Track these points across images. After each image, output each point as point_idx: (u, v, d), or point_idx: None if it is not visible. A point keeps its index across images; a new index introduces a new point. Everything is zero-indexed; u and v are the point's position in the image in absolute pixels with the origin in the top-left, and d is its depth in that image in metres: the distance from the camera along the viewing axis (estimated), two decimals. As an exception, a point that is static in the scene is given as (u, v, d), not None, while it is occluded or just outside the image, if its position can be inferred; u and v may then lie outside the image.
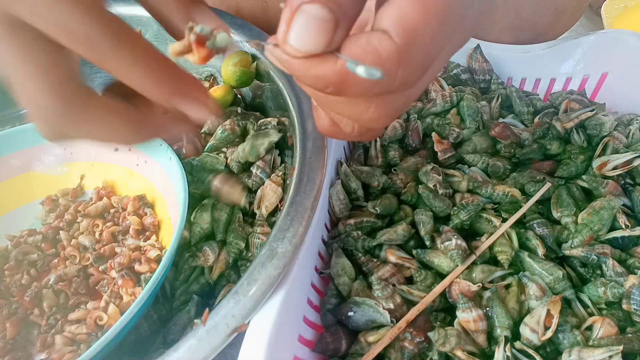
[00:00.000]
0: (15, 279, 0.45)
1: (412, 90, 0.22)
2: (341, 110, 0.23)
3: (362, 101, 0.21)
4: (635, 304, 0.38)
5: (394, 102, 0.22)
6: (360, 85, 0.19)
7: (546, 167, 0.50)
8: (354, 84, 0.19)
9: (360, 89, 0.20)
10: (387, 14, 0.19)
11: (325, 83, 0.19)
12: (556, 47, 0.59)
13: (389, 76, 0.19)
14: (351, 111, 0.22)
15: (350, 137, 0.26)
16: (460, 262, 0.41)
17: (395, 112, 0.23)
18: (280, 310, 0.33)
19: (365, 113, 0.22)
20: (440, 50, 0.21)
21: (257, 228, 0.44)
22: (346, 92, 0.20)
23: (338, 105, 0.22)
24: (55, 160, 0.52)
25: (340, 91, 0.20)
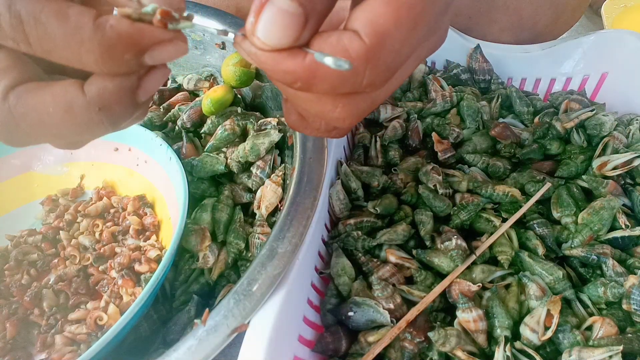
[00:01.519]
0: (15, 279, 0.45)
1: (378, 92, 0.22)
2: (309, 108, 0.22)
3: (329, 100, 0.21)
4: (635, 304, 0.38)
5: (361, 103, 0.22)
6: (328, 82, 0.19)
7: (546, 167, 0.50)
8: (321, 80, 0.19)
9: (328, 85, 0.20)
10: (359, 15, 0.19)
11: (294, 78, 0.19)
12: (556, 47, 0.59)
13: (356, 75, 0.19)
14: (319, 109, 0.22)
15: (317, 133, 0.26)
16: (460, 262, 0.41)
17: (361, 113, 0.23)
18: (280, 310, 0.33)
19: (332, 112, 0.22)
20: (409, 55, 0.21)
21: (257, 228, 0.44)
22: (314, 88, 0.20)
23: (306, 103, 0.22)
24: (55, 160, 0.52)
25: (308, 87, 0.20)
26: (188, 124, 0.51)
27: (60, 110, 0.20)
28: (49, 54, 0.19)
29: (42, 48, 0.19)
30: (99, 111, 0.20)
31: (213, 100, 0.48)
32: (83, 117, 0.20)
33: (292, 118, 0.26)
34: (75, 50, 0.18)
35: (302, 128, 0.26)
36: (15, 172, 0.50)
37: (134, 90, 0.21)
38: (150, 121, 0.53)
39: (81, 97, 0.20)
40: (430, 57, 0.63)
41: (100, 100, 0.20)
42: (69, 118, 0.20)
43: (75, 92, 0.20)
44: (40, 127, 0.21)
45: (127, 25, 0.18)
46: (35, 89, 0.20)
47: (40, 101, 0.20)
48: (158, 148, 0.45)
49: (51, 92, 0.20)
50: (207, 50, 0.55)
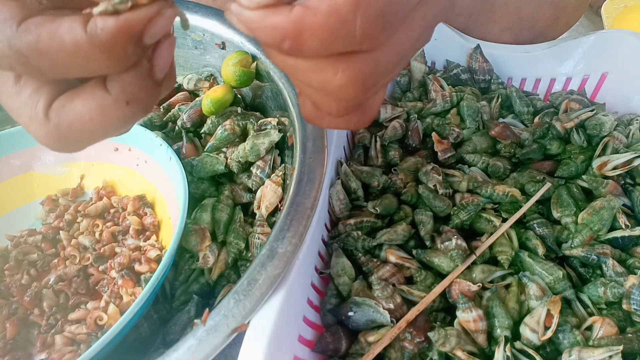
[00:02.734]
0: (15, 279, 0.45)
1: (379, 53, 0.20)
2: (310, 79, 0.21)
3: (327, 65, 0.20)
4: (635, 304, 0.38)
5: (362, 66, 0.20)
6: (317, 36, 0.18)
7: (546, 167, 0.50)
8: (310, 34, 0.18)
9: (318, 40, 0.18)
10: None
11: (281, 35, 0.18)
12: (556, 47, 0.59)
13: (346, 25, 0.18)
14: (319, 78, 0.21)
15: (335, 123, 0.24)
16: (460, 262, 0.41)
17: (365, 78, 0.21)
18: (280, 310, 0.33)
19: (333, 79, 0.20)
20: (409, 8, 0.20)
21: (257, 228, 0.44)
22: (305, 46, 0.19)
23: (306, 74, 0.21)
24: (55, 160, 0.52)
25: (299, 45, 0.19)
26: (188, 124, 0.51)
27: (96, 115, 0.21)
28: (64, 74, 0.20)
29: (55, 73, 0.19)
30: (127, 105, 0.21)
31: (213, 100, 0.48)
32: (117, 114, 0.21)
33: (307, 110, 0.25)
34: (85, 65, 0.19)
35: (318, 118, 0.25)
36: (15, 172, 0.50)
37: (150, 72, 0.21)
38: (150, 121, 0.53)
39: (107, 97, 0.21)
40: (430, 57, 0.63)
41: (124, 94, 0.21)
42: (106, 119, 0.21)
43: (101, 94, 0.21)
44: (87, 132, 0.22)
45: (114, 22, 0.18)
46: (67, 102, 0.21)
47: (76, 113, 0.21)
48: (158, 148, 0.45)
49: (81, 101, 0.21)
50: (207, 50, 0.55)
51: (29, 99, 0.21)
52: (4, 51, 0.19)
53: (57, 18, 0.19)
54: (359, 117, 0.24)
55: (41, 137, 0.22)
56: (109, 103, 0.21)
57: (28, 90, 0.21)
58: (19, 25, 0.19)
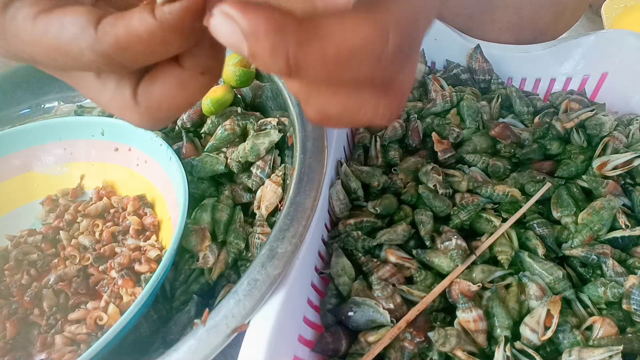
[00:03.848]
0: (15, 279, 0.45)
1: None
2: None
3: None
4: (635, 304, 0.38)
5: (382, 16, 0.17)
6: None
7: (546, 167, 0.50)
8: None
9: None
10: None
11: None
12: (556, 47, 0.59)
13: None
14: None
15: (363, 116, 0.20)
16: (460, 262, 0.41)
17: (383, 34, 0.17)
18: (280, 310, 0.33)
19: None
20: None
21: (257, 228, 0.44)
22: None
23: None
24: (55, 160, 0.51)
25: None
26: (188, 124, 0.51)
27: (178, 91, 0.22)
28: (145, 62, 0.20)
29: (138, 63, 0.20)
30: (202, 75, 0.21)
31: (213, 100, 0.48)
32: (195, 85, 0.21)
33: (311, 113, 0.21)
34: (162, 49, 0.19)
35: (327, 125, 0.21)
36: (15, 172, 0.50)
37: (213, 41, 0.19)
38: (150, 121, 0.53)
39: (184, 72, 0.21)
40: (430, 57, 0.63)
41: (198, 66, 0.21)
42: (187, 92, 0.22)
43: (176, 71, 0.21)
44: (174, 107, 0.22)
45: (179, 5, 0.18)
46: (149, 85, 0.22)
47: (160, 93, 0.22)
48: (158, 148, 0.45)
49: (161, 82, 0.22)
50: (207, 50, 0.55)
51: (115, 91, 0.22)
52: (90, 57, 0.19)
53: (125, 14, 0.19)
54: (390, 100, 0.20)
55: (137, 121, 0.23)
56: (186, 77, 0.21)
57: (112, 84, 0.22)
58: (95, 30, 0.19)
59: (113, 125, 0.48)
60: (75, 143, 0.51)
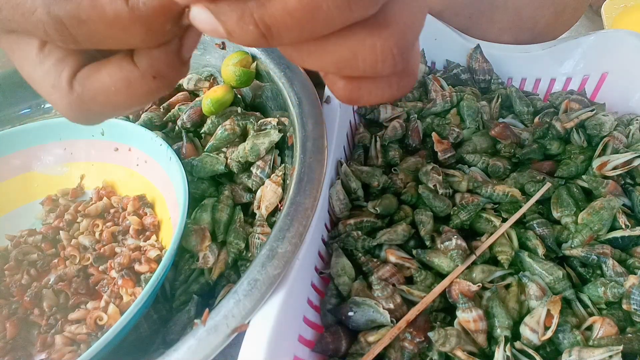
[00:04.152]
0: (15, 279, 0.45)
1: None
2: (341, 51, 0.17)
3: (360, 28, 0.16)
4: (635, 304, 0.38)
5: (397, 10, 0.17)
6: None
7: (546, 167, 0.50)
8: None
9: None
10: None
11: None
12: (556, 47, 0.59)
13: None
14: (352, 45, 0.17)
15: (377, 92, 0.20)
16: (460, 262, 0.41)
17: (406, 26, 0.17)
18: (280, 310, 0.33)
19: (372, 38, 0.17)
20: None
21: (257, 228, 0.44)
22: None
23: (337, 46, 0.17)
24: (55, 160, 0.52)
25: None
26: (188, 124, 0.51)
27: (122, 87, 0.21)
28: (97, 45, 0.20)
29: (90, 43, 0.19)
30: (154, 79, 0.21)
31: (213, 100, 0.48)
32: (142, 88, 0.21)
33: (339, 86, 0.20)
34: (121, 37, 0.19)
35: (356, 95, 0.20)
36: (15, 172, 0.50)
37: (179, 51, 0.21)
38: (150, 121, 0.53)
39: (135, 70, 0.21)
40: (430, 57, 0.63)
41: (152, 69, 0.21)
42: (131, 92, 0.21)
43: (128, 67, 0.21)
44: (110, 105, 0.22)
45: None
46: (92, 73, 0.21)
47: (101, 84, 0.21)
48: (158, 148, 0.45)
49: (107, 72, 0.21)
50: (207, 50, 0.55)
51: (53, 67, 0.21)
52: (41, 17, 0.19)
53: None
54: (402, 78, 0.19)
55: (63, 107, 0.22)
56: (136, 76, 0.21)
57: (52, 59, 0.21)
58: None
59: (113, 125, 0.48)
60: (75, 143, 0.51)
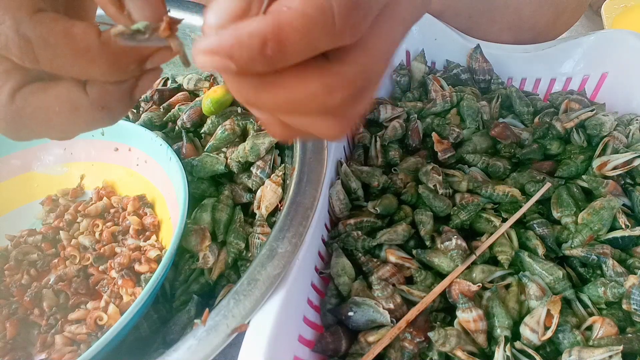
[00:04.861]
0: (15, 279, 0.45)
1: (364, 52, 0.19)
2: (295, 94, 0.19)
3: (314, 74, 0.19)
4: (635, 304, 0.38)
5: (349, 68, 0.19)
6: (299, 30, 0.17)
7: (546, 167, 0.50)
8: (291, 30, 0.17)
9: (300, 35, 0.17)
10: None
11: (262, 38, 0.17)
12: (556, 47, 0.59)
13: (323, 12, 0.17)
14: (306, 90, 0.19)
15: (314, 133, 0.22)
16: (460, 262, 0.41)
17: (354, 81, 0.19)
18: (280, 310, 0.33)
19: (321, 88, 0.19)
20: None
21: (257, 228, 0.44)
22: (288, 45, 0.17)
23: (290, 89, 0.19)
24: (55, 160, 0.52)
25: (282, 46, 0.17)
26: (188, 124, 0.51)
27: (65, 110, 0.21)
28: (58, 70, 0.20)
29: (50, 66, 0.20)
30: (101, 109, 0.22)
31: (213, 100, 0.48)
32: (87, 115, 0.22)
33: (277, 131, 0.23)
34: (84, 66, 0.20)
35: (293, 136, 0.23)
36: (15, 172, 0.50)
37: (132, 90, 0.22)
38: (150, 121, 0.53)
39: (84, 97, 0.21)
40: (430, 57, 0.63)
41: (102, 100, 0.22)
42: (74, 117, 0.22)
43: (78, 93, 0.21)
44: (47, 125, 0.22)
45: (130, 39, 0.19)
46: (39, 90, 0.21)
47: (46, 102, 0.21)
48: (158, 148, 0.45)
49: (55, 93, 0.21)
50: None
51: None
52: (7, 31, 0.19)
53: (72, 19, 0.20)
54: (339, 124, 0.21)
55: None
56: (84, 103, 0.21)
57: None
58: (34, 14, 0.19)
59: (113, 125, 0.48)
60: (75, 143, 0.51)
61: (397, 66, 0.62)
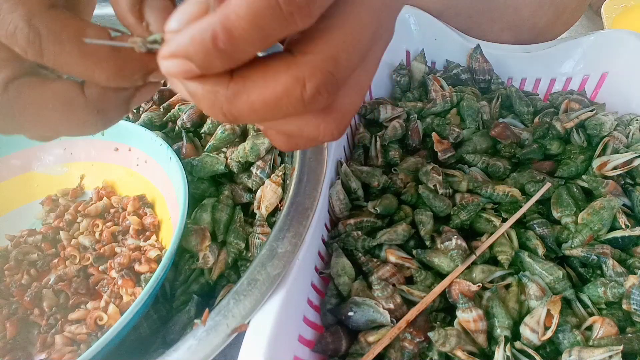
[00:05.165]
0: (15, 279, 0.45)
1: (325, 40, 0.19)
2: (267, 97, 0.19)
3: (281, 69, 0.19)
4: (635, 304, 0.38)
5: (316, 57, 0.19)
6: (248, 18, 0.16)
7: (546, 167, 0.50)
8: (239, 18, 0.16)
9: (250, 25, 0.17)
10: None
11: (212, 33, 0.17)
12: (556, 47, 0.59)
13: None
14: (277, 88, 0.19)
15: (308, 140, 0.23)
16: (460, 262, 0.41)
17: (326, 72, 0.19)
18: (280, 310, 0.33)
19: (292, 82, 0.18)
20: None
21: (257, 228, 0.44)
22: (240, 37, 0.17)
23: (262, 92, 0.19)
24: (55, 160, 0.52)
25: (233, 39, 0.17)
26: (188, 124, 0.51)
27: (59, 108, 0.21)
28: (60, 67, 0.20)
29: (54, 62, 0.20)
30: (96, 113, 0.22)
31: (213, 100, 0.48)
32: (80, 116, 0.22)
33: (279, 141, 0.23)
34: (89, 68, 0.20)
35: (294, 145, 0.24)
36: (15, 172, 0.50)
37: (129, 99, 0.22)
38: (150, 121, 0.53)
39: (81, 98, 0.21)
40: (430, 57, 0.63)
41: (99, 104, 0.21)
42: (67, 115, 0.21)
43: (76, 92, 0.21)
44: (36, 120, 0.22)
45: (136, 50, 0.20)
46: (36, 84, 0.21)
47: (41, 97, 0.21)
48: (158, 148, 0.45)
49: (52, 89, 0.21)
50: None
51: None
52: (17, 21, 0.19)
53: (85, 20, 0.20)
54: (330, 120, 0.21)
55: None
56: (79, 104, 0.21)
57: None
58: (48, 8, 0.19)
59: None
60: (75, 143, 0.51)
61: (397, 66, 0.62)
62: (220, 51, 0.17)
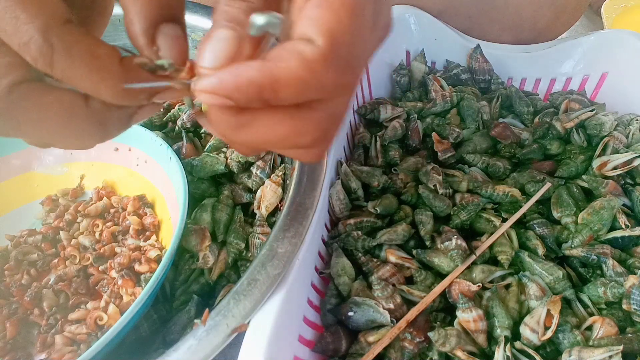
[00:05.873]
0: (15, 279, 0.45)
1: (330, 101, 0.21)
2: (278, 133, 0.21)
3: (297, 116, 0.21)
4: (635, 304, 0.38)
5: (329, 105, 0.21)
6: (293, 88, 0.19)
7: (546, 167, 0.50)
8: (286, 86, 0.19)
9: (293, 91, 0.19)
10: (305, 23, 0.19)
11: (259, 88, 0.18)
12: (556, 47, 0.59)
13: (318, 76, 0.19)
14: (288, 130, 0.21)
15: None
16: (460, 262, 0.41)
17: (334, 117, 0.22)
18: (280, 310, 0.33)
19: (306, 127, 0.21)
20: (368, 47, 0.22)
21: (257, 228, 0.44)
22: (280, 96, 0.19)
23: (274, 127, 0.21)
24: (55, 160, 0.52)
25: (276, 95, 0.19)
26: (188, 124, 0.51)
27: (62, 115, 0.22)
28: (68, 80, 0.20)
29: (63, 74, 0.20)
30: (98, 125, 0.22)
31: (213, 100, 0.48)
32: (81, 126, 0.22)
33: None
34: (96, 84, 0.20)
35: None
36: (15, 172, 0.50)
37: (131, 116, 0.23)
38: (150, 121, 0.53)
39: (84, 108, 0.22)
40: (430, 57, 0.63)
41: (101, 117, 0.22)
42: (68, 124, 0.22)
43: (80, 102, 0.22)
44: (37, 125, 0.22)
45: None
46: (41, 89, 0.21)
47: (44, 102, 0.21)
48: (158, 148, 0.45)
49: (56, 96, 0.21)
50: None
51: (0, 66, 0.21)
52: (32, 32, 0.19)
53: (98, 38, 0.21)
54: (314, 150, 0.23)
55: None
56: (82, 113, 0.22)
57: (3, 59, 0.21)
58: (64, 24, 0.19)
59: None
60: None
61: (397, 66, 0.62)
62: (263, 101, 0.19)
